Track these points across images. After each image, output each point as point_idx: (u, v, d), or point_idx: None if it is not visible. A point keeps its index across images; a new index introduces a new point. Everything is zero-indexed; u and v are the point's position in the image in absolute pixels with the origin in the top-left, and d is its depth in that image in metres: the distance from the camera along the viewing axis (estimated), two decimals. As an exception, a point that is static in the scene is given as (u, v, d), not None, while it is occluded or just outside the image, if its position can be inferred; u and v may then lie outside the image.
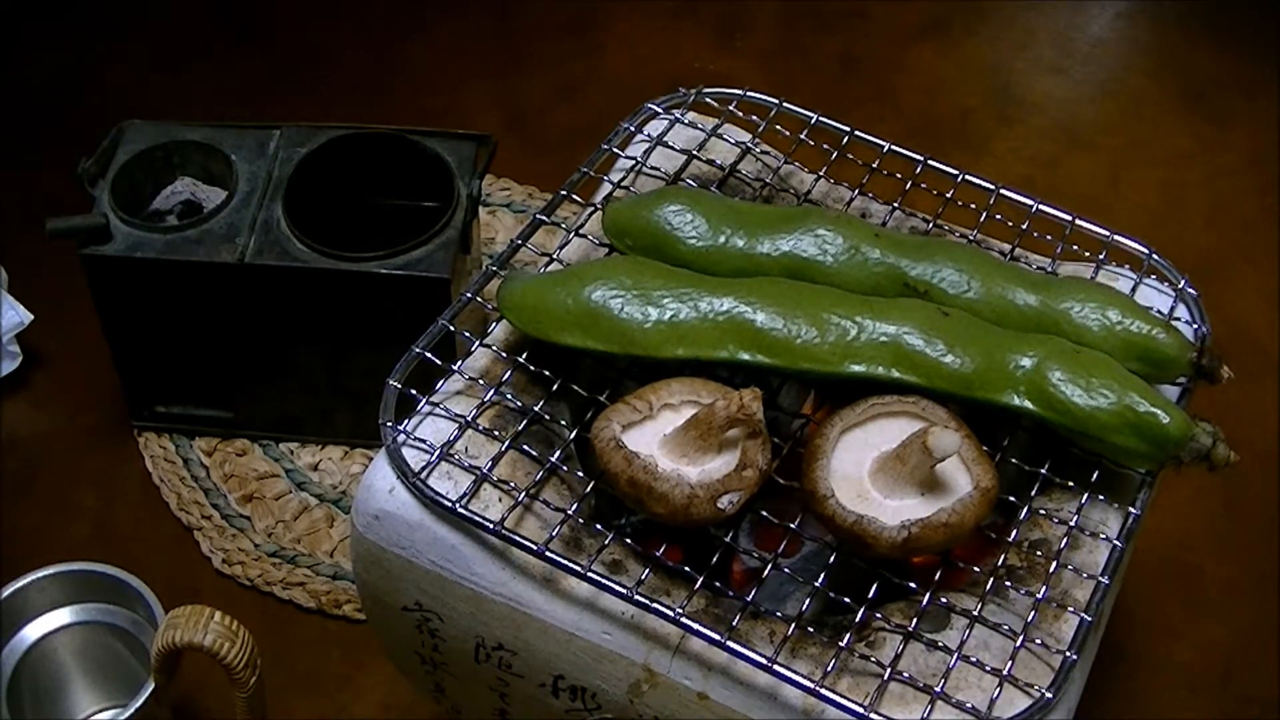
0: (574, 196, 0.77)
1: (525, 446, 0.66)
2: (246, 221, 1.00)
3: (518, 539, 0.63)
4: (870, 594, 0.61)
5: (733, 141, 0.80)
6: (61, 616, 0.89)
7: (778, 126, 0.81)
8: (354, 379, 1.05)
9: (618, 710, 0.65)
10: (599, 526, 0.64)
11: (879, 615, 0.61)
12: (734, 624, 0.60)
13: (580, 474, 0.67)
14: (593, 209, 0.76)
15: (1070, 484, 0.65)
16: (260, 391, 1.08)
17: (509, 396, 0.68)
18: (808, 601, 0.61)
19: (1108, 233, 0.76)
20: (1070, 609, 0.62)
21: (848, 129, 0.79)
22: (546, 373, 0.68)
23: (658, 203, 0.70)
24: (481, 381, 0.69)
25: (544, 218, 0.76)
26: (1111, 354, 0.65)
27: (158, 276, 0.99)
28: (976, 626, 0.61)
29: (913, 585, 0.61)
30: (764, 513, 0.63)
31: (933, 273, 0.68)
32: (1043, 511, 0.66)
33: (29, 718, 0.89)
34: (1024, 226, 0.76)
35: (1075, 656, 0.59)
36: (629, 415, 0.63)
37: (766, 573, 0.62)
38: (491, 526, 0.63)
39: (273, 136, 1.05)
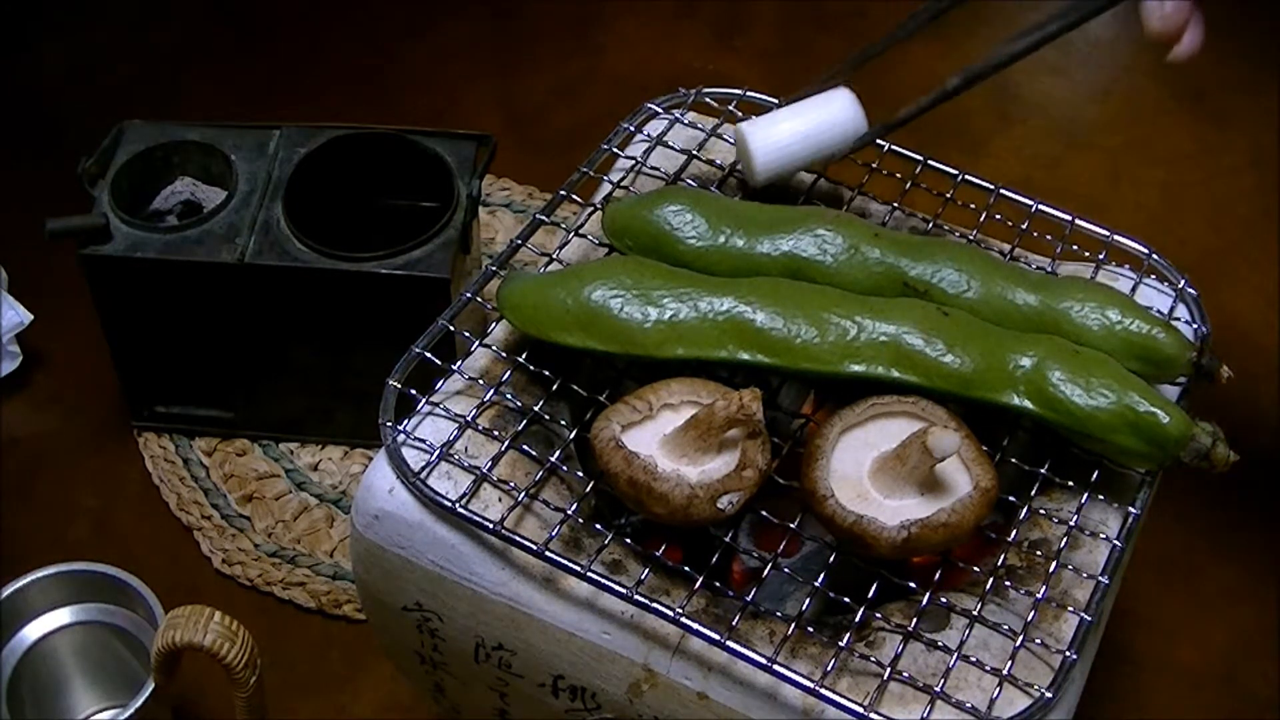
0: (574, 196, 0.77)
1: (525, 446, 0.66)
2: (246, 221, 1.00)
3: (518, 539, 0.63)
4: (870, 594, 0.61)
5: (733, 141, 0.80)
6: (61, 616, 0.89)
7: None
8: (354, 379, 1.05)
9: (617, 710, 0.65)
10: (599, 526, 0.64)
11: (879, 615, 0.61)
12: (734, 624, 0.60)
13: (580, 474, 0.67)
14: (593, 209, 0.76)
15: (1070, 484, 0.65)
16: (260, 391, 1.08)
17: (509, 396, 0.68)
18: (807, 601, 0.61)
19: (1107, 233, 0.76)
20: (1070, 609, 0.62)
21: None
22: (546, 373, 0.68)
23: (658, 203, 0.70)
24: (481, 381, 0.69)
25: (544, 218, 0.76)
26: (1111, 354, 0.65)
27: (158, 276, 0.99)
28: (976, 626, 0.61)
29: (913, 585, 0.61)
30: (764, 513, 0.63)
31: (933, 273, 0.68)
32: (1043, 511, 0.66)
33: (29, 718, 0.89)
34: (1024, 226, 0.76)
35: (1075, 656, 0.59)
36: (629, 415, 0.63)
37: (766, 573, 0.62)
38: (491, 526, 0.63)
39: (273, 136, 1.05)
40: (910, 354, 0.64)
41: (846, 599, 0.61)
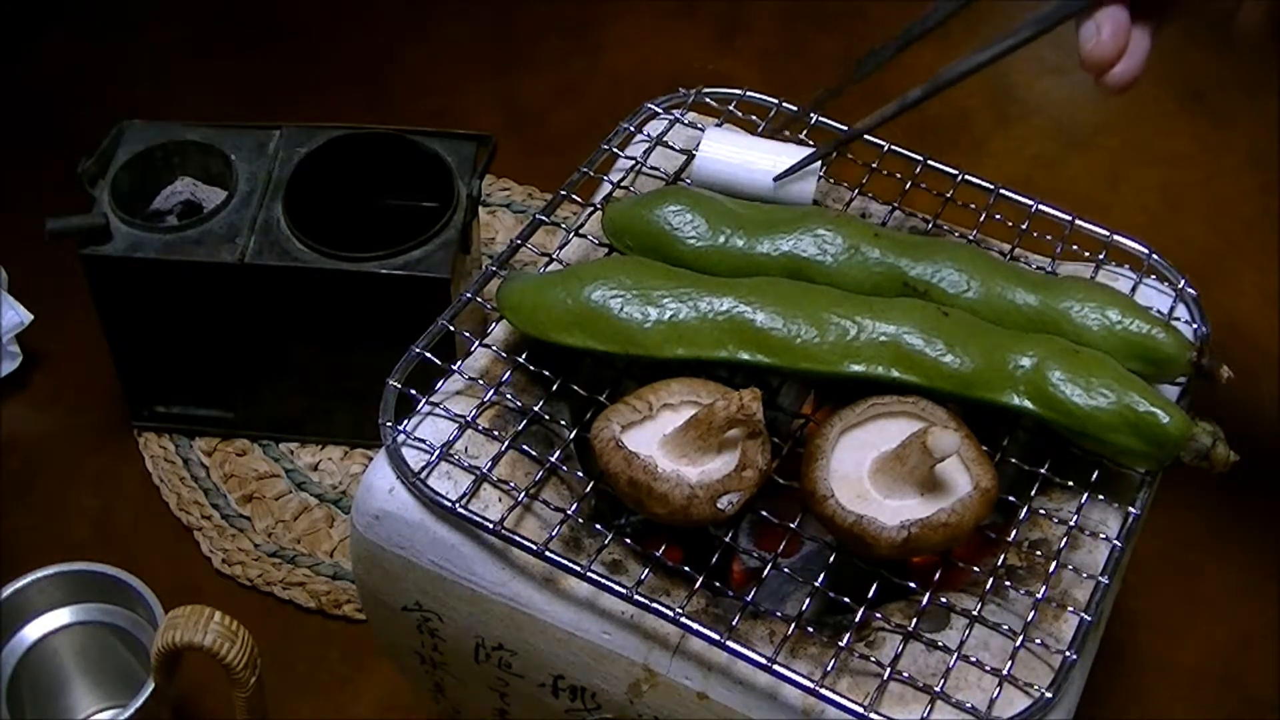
0: (574, 196, 0.77)
1: (525, 446, 0.66)
2: (246, 221, 1.00)
3: (518, 539, 0.63)
4: (870, 594, 0.61)
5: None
6: (61, 616, 0.89)
7: (777, 127, 0.81)
8: (354, 379, 1.05)
9: (617, 710, 0.65)
10: (599, 526, 0.64)
11: (879, 615, 0.61)
12: (734, 624, 0.60)
13: (580, 474, 0.67)
14: (593, 209, 0.76)
15: (1070, 484, 0.65)
16: (260, 391, 1.08)
17: (509, 396, 0.68)
18: (807, 601, 0.61)
19: (1107, 233, 0.76)
20: (1070, 609, 0.62)
21: (847, 129, 0.79)
22: (546, 373, 0.68)
23: (657, 203, 0.70)
24: (481, 381, 0.69)
25: (544, 218, 0.76)
26: (1111, 354, 0.65)
27: (158, 276, 0.99)
28: (976, 626, 0.61)
29: (913, 585, 0.61)
30: (764, 513, 0.63)
31: (933, 273, 0.68)
32: (1043, 511, 0.66)
33: (29, 718, 0.89)
34: (1024, 226, 0.76)
35: (1075, 656, 0.59)
36: (629, 415, 0.63)
37: (766, 573, 0.62)
38: (491, 526, 0.63)
39: (273, 136, 1.05)
40: (910, 354, 0.64)
41: (846, 599, 0.61)
